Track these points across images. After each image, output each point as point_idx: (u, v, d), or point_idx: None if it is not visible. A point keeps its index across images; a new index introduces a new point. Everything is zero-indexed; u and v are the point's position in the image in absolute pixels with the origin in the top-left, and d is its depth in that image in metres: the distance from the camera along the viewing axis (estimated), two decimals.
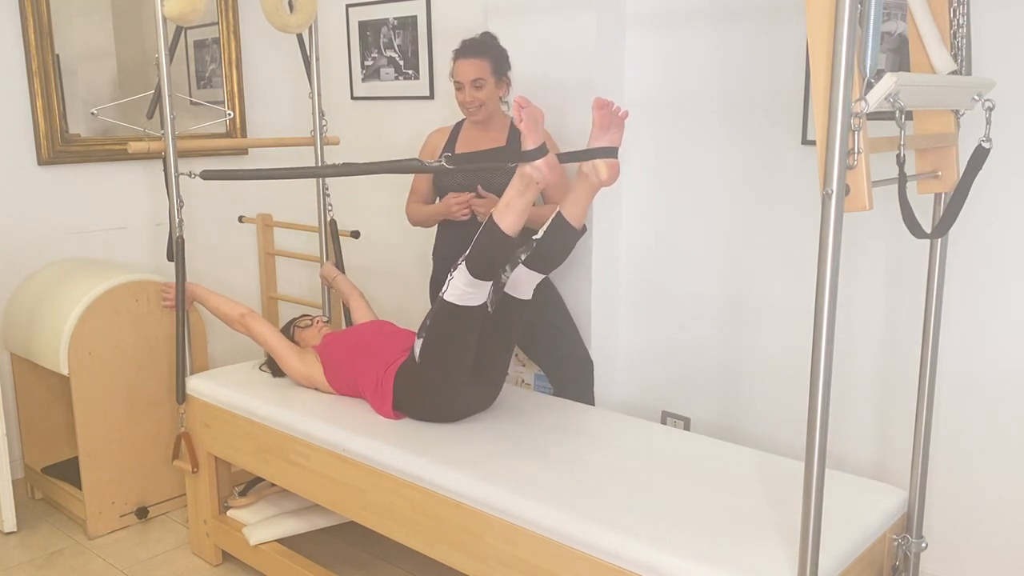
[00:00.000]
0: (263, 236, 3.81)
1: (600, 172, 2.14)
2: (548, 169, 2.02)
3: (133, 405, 3.01)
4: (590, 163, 2.16)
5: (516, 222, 2.08)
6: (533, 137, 2.03)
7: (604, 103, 2.12)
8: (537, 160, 2.02)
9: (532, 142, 2.02)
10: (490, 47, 2.76)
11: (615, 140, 2.14)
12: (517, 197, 2.08)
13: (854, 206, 1.45)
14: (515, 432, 2.29)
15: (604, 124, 2.14)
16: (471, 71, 2.71)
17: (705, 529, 1.77)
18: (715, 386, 2.98)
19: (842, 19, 1.36)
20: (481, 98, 2.73)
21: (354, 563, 2.79)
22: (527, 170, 2.04)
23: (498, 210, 2.09)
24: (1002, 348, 2.36)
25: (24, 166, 3.33)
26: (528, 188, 2.06)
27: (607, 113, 2.12)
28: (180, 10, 2.57)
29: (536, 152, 2.02)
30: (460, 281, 2.13)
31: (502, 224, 2.07)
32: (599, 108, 2.12)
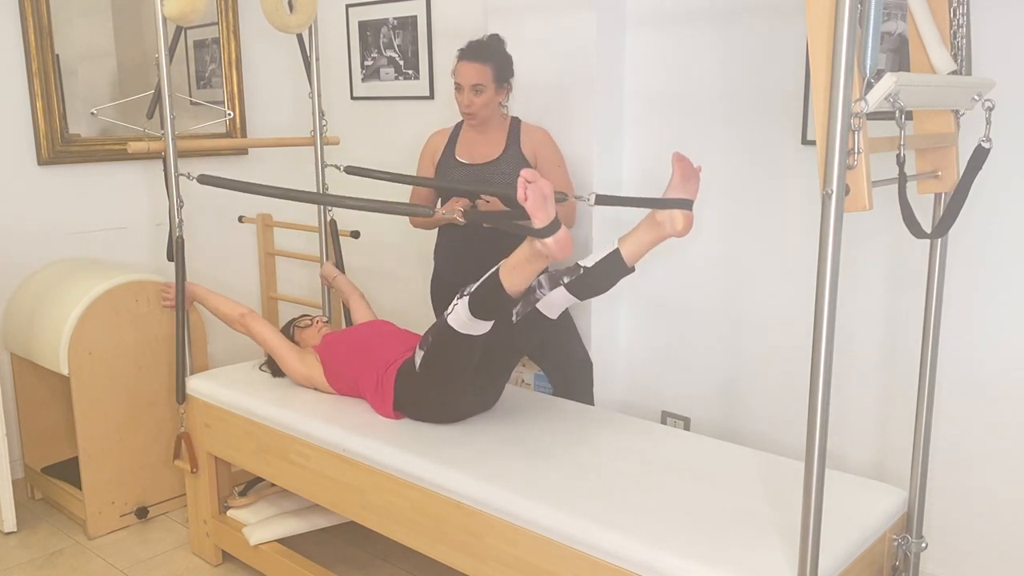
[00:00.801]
0: (263, 236, 3.81)
1: (676, 223, 2.10)
2: (558, 248, 1.93)
3: (133, 405, 3.01)
4: (667, 212, 2.11)
5: (520, 284, 2.05)
6: (541, 216, 1.91)
7: (683, 157, 2.09)
8: (548, 237, 1.92)
9: (540, 220, 1.91)
10: (495, 52, 2.73)
11: (692, 193, 2.11)
12: (525, 263, 2.02)
13: (854, 206, 1.45)
14: (515, 432, 2.29)
15: (684, 176, 2.10)
16: (472, 75, 2.70)
17: (705, 529, 1.77)
18: (715, 386, 2.98)
19: (842, 19, 1.36)
20: (479, 103, 2.72)
21: (354, 563, 2.79)
22: (537, 245, 1.95)
23: (505, 267, 2.04)
24: (1002, 348, 2.36)
25: (24, 166, 3.33)
26: (537, 259, 2.00)
27: (686, 165, 2.09)
28: (180, 10, 2.57)
29: (547, 230, 1.92)
30: (462, 313, 2.12)
31: (506, 283, 2.03)
32: (679, 161, 2.09)
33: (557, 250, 1.93)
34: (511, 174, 2.77)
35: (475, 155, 2.84)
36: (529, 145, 2.79)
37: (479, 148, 2.84)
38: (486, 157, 2.81)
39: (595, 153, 2.95)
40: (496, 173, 2.78)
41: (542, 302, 2.24)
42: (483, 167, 2.80)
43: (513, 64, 2.79)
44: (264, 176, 3.99)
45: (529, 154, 2.79)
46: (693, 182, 2.12)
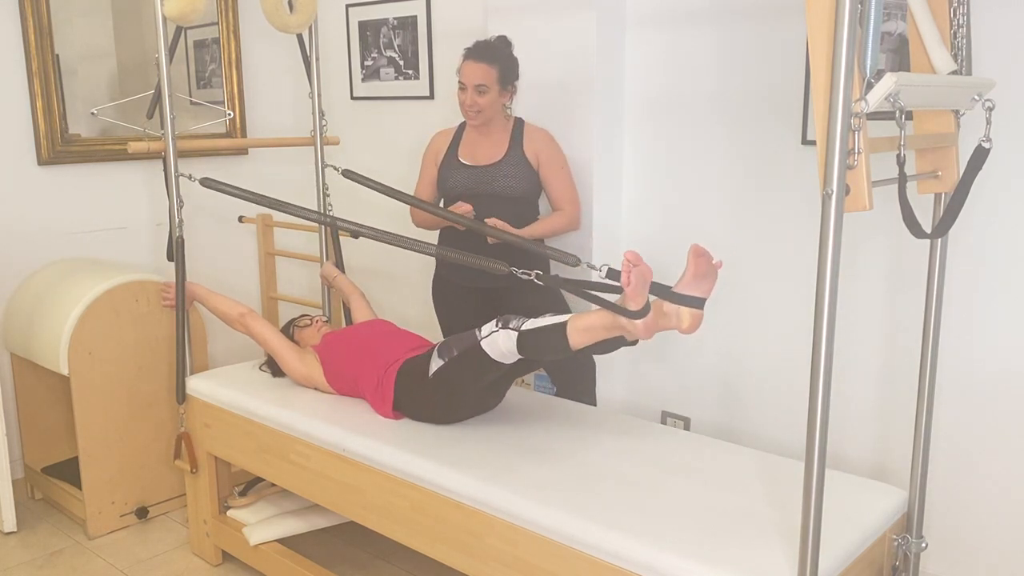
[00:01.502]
0: (263, 236, 3.81)
1: (683, 320, 1.99)
2: (645, 331, 1.93)
3: (133, 405, 3.01)
4: (674, 307, 2.00)
5: (584, 343, 2.03)
6: (637, 301, 1.91)
7: (702, 251, 1.96)
8: (637, 320, 1.93)
9: (635, 305, 1.91)
10: (501, 54, 2.72)
11: (706, 292, 2.00)
12: (601, 330, 2.00)
13: (854, 206, 1.45)
14: (515, 432, 2.29)
15: (699, 273, 1.98)
16: (477, 75, 2.68)
17: (705, 529, 1.77)
18: (715, 386, 2.98)
19: (842, 19, 1.36)
20: (481, 104, 2.71)
21: (354, 563, 2.79)
22: (624, 323, 1.95)
23: (576, 326, 2.01)
24: (1002, 348, 2.36)
25: (24, 166, 3.33)
26: (615, 331, 1.98)
27: (704, 262, 1.97)
28: (180, 10, 2.57)
29: (638, 313, 1.92)
30: (504, 345, 2.09)
31: (572, 341, 2.02)
32: (696, 256, 1.96)
33: (644, 332, 1.94)
34: (513, 176, 2.77)
35: (477, 156, 2.83)
36: (532, 147, 2.79)
37: (481, 149, 2.84)
38: (488, 159, 2.81)
39: (595, 153, 2.95)
40: (498, 175, 2.78)
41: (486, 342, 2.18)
42: (485, 169, 2.80)
43: (518, 68, 2.78)
44: (264, 176, 3.99)
45: (531, 156, 2.79)
46: (709, 280, 1.99)
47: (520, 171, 2.77)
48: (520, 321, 2.10)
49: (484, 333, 2.15)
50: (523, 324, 2.08)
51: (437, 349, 2.29)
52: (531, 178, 2.79)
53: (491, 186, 2.77)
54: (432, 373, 2.27)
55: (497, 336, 2.11)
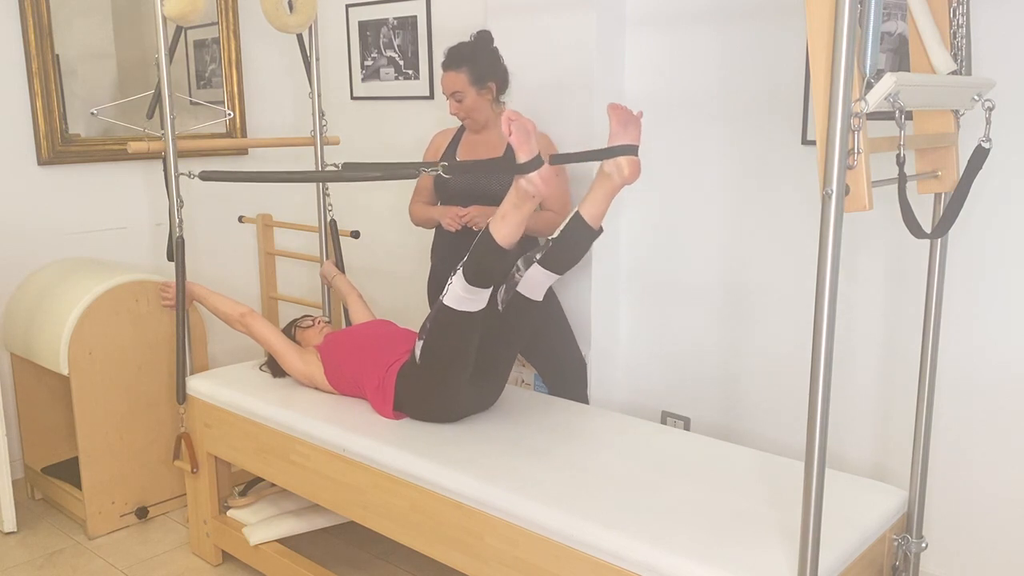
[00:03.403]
0: (263, 236, 3.81)
1: (623, 169, 2.13)
2: (543, 182, 1.99)
3: (133, 405, 3.01)
4: (612, 161, 2.14)
5: (512, 234, 2.06)
6: (524, 149, 1.99)
7: (618, 105, 2.13)
8: (531, 173, 1.98)
9: (524, 154, 1.99)
10: (468, 56, 2.72)
11: (634, 138, 2.13)
12: (512, 210, 2.04)
13: (854, 206, 1.45)
14: (515, 432, 2.29)
15: (622, 121, 2.12)
16: (449, 84, 2.73)
17: (705, 529, 1.77)
18: (715, 386, 2.98)
19: (842, 19, 1.36)
20: (464, 109, 2.75)
21: (354, 563, 2.79)
22: (522, 183, 2.01)
23: (494, 221, 2.07)
24: (1002, 348, 2.36)
25: (24, 166, 3.33)
26: (524, 201, 2.03)
27: (623, 112, 2.11)
28: (180, 10, 2.57)
29: (530, 164, 1.98)
30: (458, 287, 2.12)
31: (497, 236, 2.05)
32: (614, 109, 2.12)
33: (542, 184, 1.98)
34: (508, 178, 2.77)
35: (475, 157, 2.84)
36: None
37: (479, 150, 2.84)
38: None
39: None
40: (494, 177, 2.78)
41: (522, 284, 2.26)
42: None
43: (497, 62, 2.77)
44: None
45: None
46: (632, 127, 2.13)
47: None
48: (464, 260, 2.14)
49: (444, 291, 2.18)
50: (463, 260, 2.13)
51: (418, 334, 2.31)
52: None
53: (487, 187, 2.77)
54: (419, 357, 2.28)
55: (451, 287, 2.14)
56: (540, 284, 2.27)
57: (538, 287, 2.27)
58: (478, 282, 2.10)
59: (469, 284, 2.10)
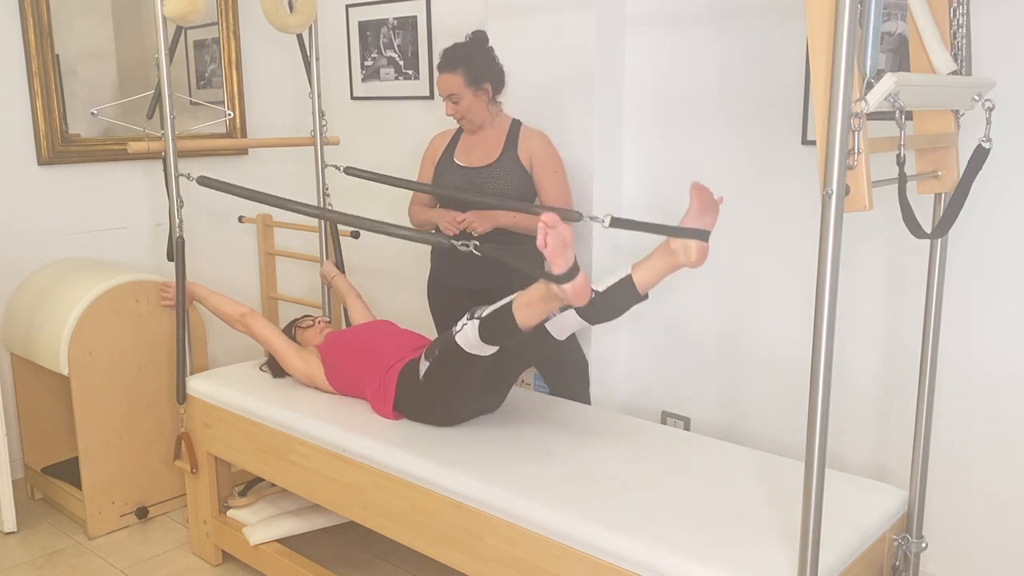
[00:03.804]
0: (263, 236, 3.81)
1: (691, 253, 2.02)
2: (575, 295, 1.89)
3: (133, 405, 3.01)
4: (681, 242, 2.03)
5: (532, 320, 2.02)
6: (559, 263, 1.85)
7: (702, 187, 2.00)
8: (565, 284, 1.88)
9: (558, 267, 1.86)
10: (463, 58, 2.71)
11: (709, 224, 2.03)
12: (540, 302, 1.99)
13: (854, 206, 1.45)
14: (515, 432, 2.29)
15: (702, 207, 2.01)
16: (444, 86, 2.72)
17: (705, 529, 1.77)
18: (715, 386, 2.98)
19: (842, 19, 1.36)
20: (460, 111, 2.74)
21: (354, 563, 2.79)
22: (554, 290, 1.91)
23: (519, 303, 2.01)
24: (1002, 348, 2.36)
25: (24, 166, 3.33)
26: (552, 299, 1.97)
27: (705, 196, 2.01)
28: (180, 10, 2.57)
29: (565, 276, 1.87)
30: (471, 335, 2.10)
31: (518, 318, 2.01)
32: (698, 191, 2.00)
33: (574, 297, 1.89)
34: (506, 178, 2.77)
35: (472, 158, 2.84)
36: (526, 149, 2.79)
37: (477, 151, 2.84)
38: (482, 160, 2.81)
39: (595, 153, 2.95)
40: (491, 177, 2.78)
41: (552, 322, 2.19)
42: (479, 170, 2.80)
43: (492, 62, 2.76)
44: (264, 176, 4.00)
45: (525, 158, 2.79)
46: (711, 214, 2.03)
47: (513, 173, 2.77)
48: (483, 309, 2.10)
49: (457, 327, 2.15)
50: (484, 311, 2.09)
51: (424, 352, 2.29)
52: (524, 180, 2.79)
53: (484, 187, 2.77)
54: (422, 376, 2.27)
55: (466, 328, 2.12)
56: (568, 328, 2.21)
57: (566, 330, 2.21)
58: (490, 342, 2.09)
59: (481, 340, 2.08)
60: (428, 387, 2.26)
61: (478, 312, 2.11)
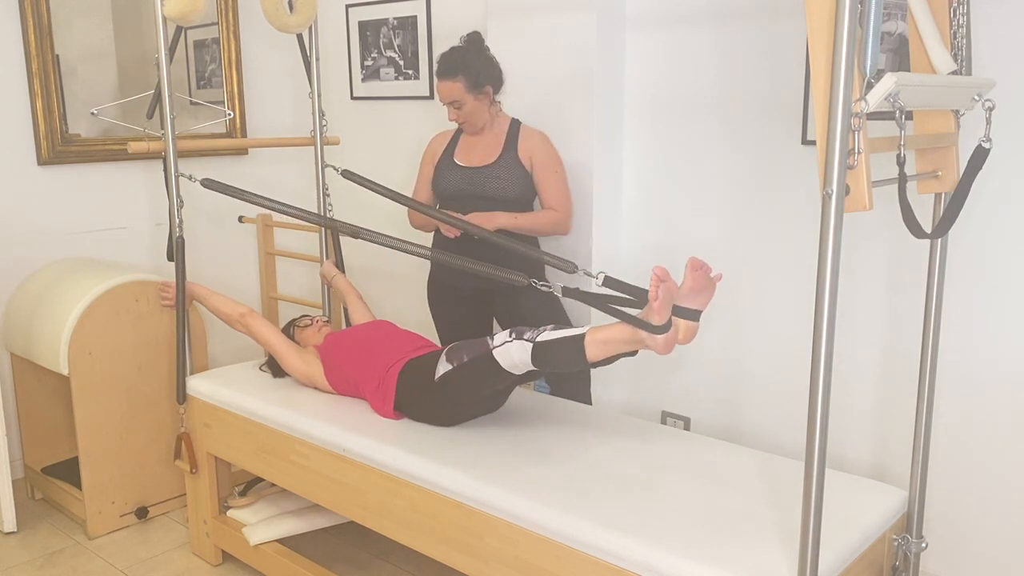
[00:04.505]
0: (263, 236, 3.81)
1: (678, 332, 1.99)
2: (665, 346, 1.91)
3: (133, 405, 3.01)
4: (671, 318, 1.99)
5: (602, 356, 2.01)
6: (663, 315, 1.89)
7: (700, 264, 1.96)
8: (659, 335, 1.91)
9: (660, 319, 1.90)
10: (461, 63, 2.70)
11: (703, 304, 2.01)
12: (621, 344, 1.98)
13: (854, 206, 1.45)
14: (515, 432, 2.29)
15: (697, 287, 1.98)
16: (446, 93, 2.72)
17: (705, 529, 1.77)
18: (715, 386, 2.98)
19: (842, 19, 1.36)
20: (463, 115, 2.75)
21: (354, 563, 2.79)
22: (643, 336, 1.93)
23: (594, 339, 1.99)
24: (1002, 348, 2.36)
25: (24, 166, 3.33)
26: (635, 344, 1.97)
27: (702, 276, 1.98)
28: (180, 10, 2.57)
29: (662, 328, 1.91)
30: (516, 355, 2.08)
31: (589, 353, 2.00)
32: (694, 269, 1.97)
33: (663, 348, 1.92)
34: (506, 178, 2.77)
35: (472, 158, 2.84)
36: (526, 149, 2.79)
37: (476, 151, 2.84)
38: (482, 161, 2.81)
39: (595, 153, 2.95)
40: (491, 177, 2.78)
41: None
42: (478, 171, 2.80)
43: (491, 64, 2.75)
44: (264, 176, 4.00)
45: (525, 158, 2.79)
46: (706, 294, 2.00)
47: (513, 173, 2.77)
48: (535, 332, 2.08)
49: (497, 343, 2.13)
50: (538, 335, 2.07)
51: (446, 353, 2.27)
52: (524, 180, 2.79)
53: (484, 188, 2.77)
54: (438, 377, 2.25)
55: (510, 347, 2.09)
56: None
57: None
58: (541, 367, 2.08)
59: (533, 364, 2.07)
60: (441, 389, 2.25)
61: (528, 334, 2.08)
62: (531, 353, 2.05)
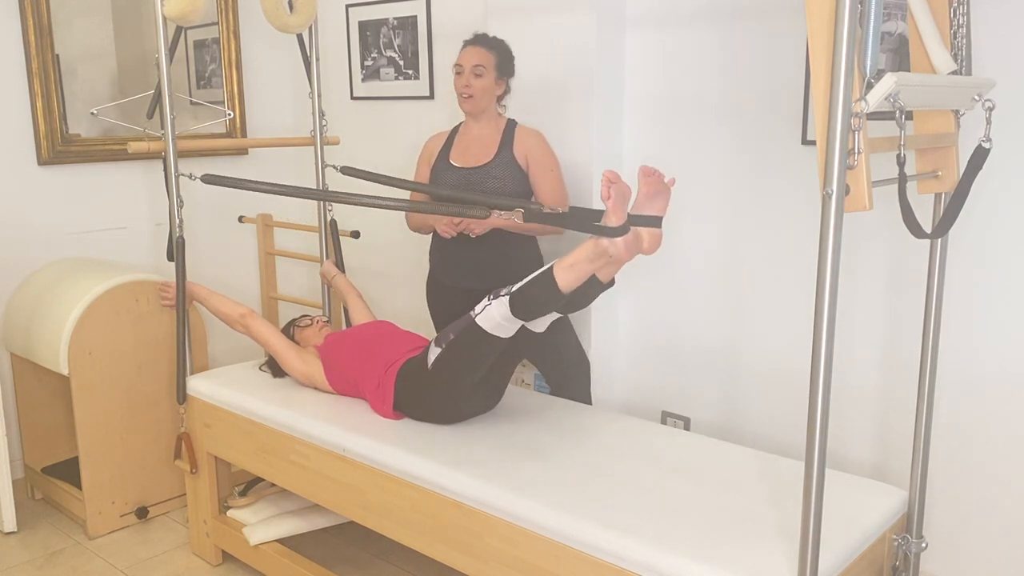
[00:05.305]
0: (263, 236, 3.81)
1: (642, 241, 2.02)
2: (626, 249, 1.94)
3: (133, 405, 3.01)
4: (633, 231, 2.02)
5: (574, 282, 2.03)
6: (618, 215, 1.93)
7: (651, 171, 2.00)
8: (618, 238, 1.93)
9: (616, 220, 1.93)
10: (500, 46, 2.77)
11: (660, 209, 2.03)
12: (585, 262, 2.00)
13: (854, 206, 1.45)
14: (515, 432, 2.29)
15: (650, 192, 2.01)
16: (475, 57, 2.72)
17: (705, 529, 1.77)
18: (715, 386, 2.98)
19: (842, 19, 1.36)
20: (476, 87, 2.73)
21: (354, 563, 2.79)
22: (604, 243, 1.95)
23: (561, 265, 2.02)
24: (1002, 348, 2.36)
25: (24, 166, 3.33)
26: (599, 258, 1.99)
27: (654, 181, 2.01)
28: (180, 10, 2.57)
29: (619, 229, 1.93)
30: (497, 312, 2.10)
31: (560, 280, 2.01)
32: (645, 176, 2.00)
33: (625, 251, 1.94)
34: (502, 177, 2.77)
35: (468, 158, 2.83)
36: (522, 149, 2.79)
37: (472, 151, 2.84)
38: (478, 160, 2.81)
39: (595, 153, 2.95)
40: (487, 177, 2.78)
41: None
42: (475, 170, 2.80)
43: (514, 63, 2.80)
44: (264, 176, 3.99)
45: (521, 157, 2.79)
46: (661, 198, 2.02)
47: (509, 172, 2.77)
48: (509, 288, 2.11)
49: (478, 310, 2.15)
50: (512, 288, 2.10)
51: (434, 340, 2.29)
52: (520, 179, 2.79)
53: (480, 187, 2.77)
54: (431, 364, 2.27)
55: (490, 309, 2.12)
56: (543, 322, 2.23)
57: (541, 323, 2.24)
58: (522, 315, 2.09)
59: (512, 315, 2.08)
60: (437, 375, 2.26)
61: (503, 291, 2.11)
62: (509, 305, 2.08)
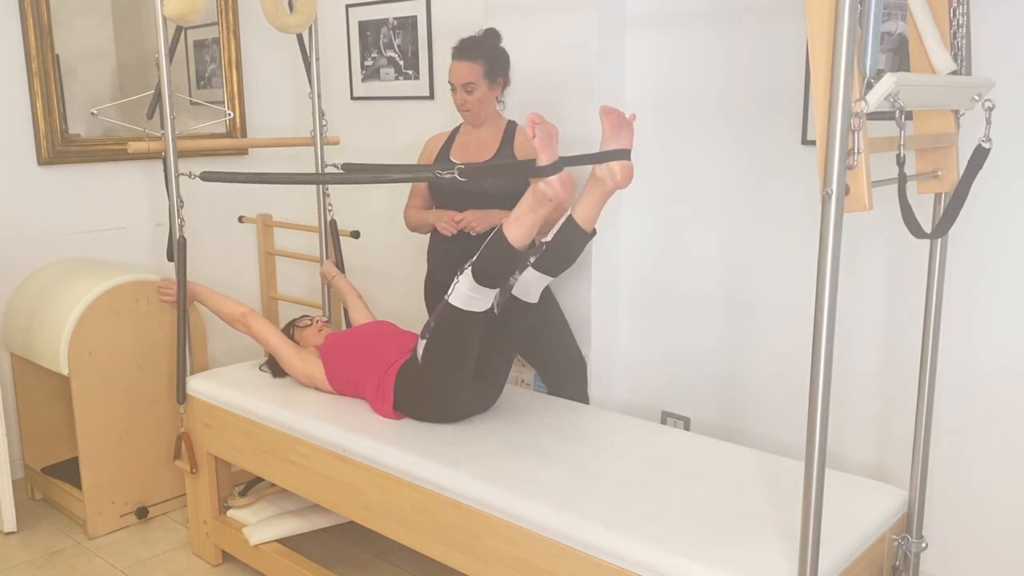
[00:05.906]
0: (263, 236, 3.81)
1: (615, 174, 2.13)
2: (562, 187, 2.00)
3: (133, 405, 3.01)
4: (604, 166, 2.14)
5: (525, 236, 2.07)
6: (547, 153, 2.00)
7: (611, 109, 2.11)
8: (551, 176, 1.99)
9: (546, 158, 2.00)
10: (485, 49, 2.74)
11: (627, 142, 2.13)
12: (528, 212, 2.06)
13: (854, 206, 1.45)
14: (515, 432, 2.29)
15: (614, 127, 2.12)
16: (463, 74, 2.71)
17: (705, 529, 1.77)
18: (715, 386, 2.98)
19: (842, 19, 1.36)
20: (472, 101, 2.74)
21: (354, 563, 2.79)
22: (540, 186, 2.01)
23: (508, 222, 2.08)
24: (1002, 348, 2.36)
25: (24, 166, 3.33)
26: (540, 204, 2.04)
27: (615, 116, 2.11)
28: (180, 10, 2.57)
29: (551, 168, 1.99)
30: (465, 286, 2.13)
31: (510, 236, 2.06)
32: (607, 114, 2.11)
33: (561, 189, 1.99)
34: (502, 177, 2.77)
35: (468, 157, 2.83)
36: (522, 148, 2.79)
37: (472, 150, 2.84)
38: (478, 159, 2.81)
39: None
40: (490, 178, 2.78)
41: (517, 286, 2.27)
42: None
43: (508, 59, 2.79)
44: None
45: (521, 156, 2.79)
46: (625, 132, 2.12)
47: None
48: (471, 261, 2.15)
49: (449, 291, 2.19)
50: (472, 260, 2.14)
51: (420, 334, 2.32)
52: (520, 178, 2.79)
53: (480, 185, 2.77)
54: (421, 357, 2.29)
55: (458, 286, 2.16)
56: (534, 286, 2.28)
57: (532, 289, 2.29)
58: (486, 282, 2.12)
59: (477, 283, 2.11)
60: (428, 367, 2.27)
61: (466, 265, 2.15)
62: (472, 275, 2.11)
